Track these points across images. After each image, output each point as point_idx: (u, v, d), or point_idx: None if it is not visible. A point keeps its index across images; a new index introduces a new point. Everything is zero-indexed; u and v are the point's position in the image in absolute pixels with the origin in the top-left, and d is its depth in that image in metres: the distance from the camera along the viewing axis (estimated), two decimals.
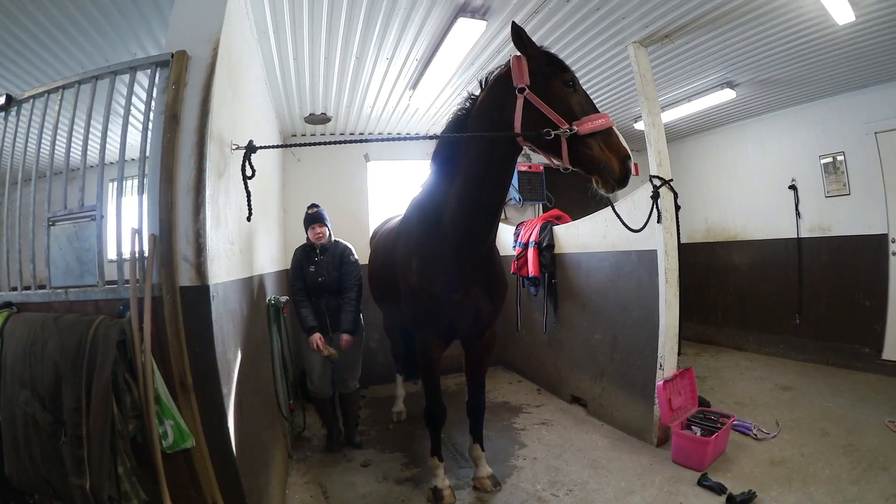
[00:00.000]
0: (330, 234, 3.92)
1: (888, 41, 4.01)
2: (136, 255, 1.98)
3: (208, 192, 2.03)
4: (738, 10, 3.49)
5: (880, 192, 5.05)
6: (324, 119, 5.49)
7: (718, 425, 3.48)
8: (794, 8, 3.48)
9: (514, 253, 5.29)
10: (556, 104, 2.26)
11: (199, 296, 1.98)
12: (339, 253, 3.87)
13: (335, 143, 2.63)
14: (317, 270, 3.81)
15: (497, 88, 2.51)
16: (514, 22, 2.40)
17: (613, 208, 3.04)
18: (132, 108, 2.35)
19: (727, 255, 6.82)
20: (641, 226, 3.48)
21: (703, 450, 3.29)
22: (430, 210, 2.96)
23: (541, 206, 6.90)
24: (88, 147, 2.32)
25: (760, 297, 6.33)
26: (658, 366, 3.67)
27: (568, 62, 2.66)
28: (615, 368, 4.21)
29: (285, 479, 3.44)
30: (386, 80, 4.60)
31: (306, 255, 3.89)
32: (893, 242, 4.96)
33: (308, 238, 3.91)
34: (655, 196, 3.61)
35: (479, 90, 2.70)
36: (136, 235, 2.00)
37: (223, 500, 2.01)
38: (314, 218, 3.86)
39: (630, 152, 2.19)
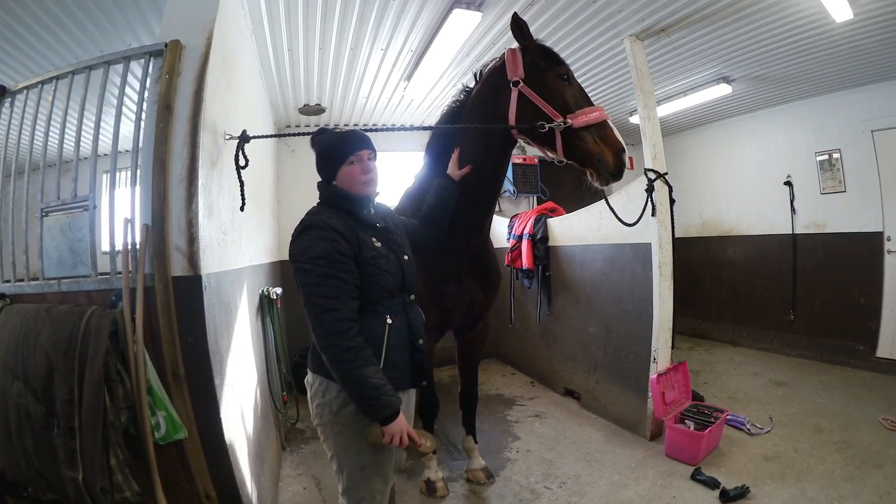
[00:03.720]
0: None
1: (886, 40, 4.00)
2: (129, 245, 1.97)
3: (201, 182, 2.02)
4: (736, 6, 3.47)
5: (876, 190, 5.06)
6: (318, 110, 5.46)
7: (712, 420, 3.49)
8: (792, 4, 3.47)
9: (509, 245, 5.29)
10: (550, 97, 2.26)
11: (191, 286, 1.97)
12: (392, 213, 2.15)
13: None
14: (387, 246, 1.87)
15: (491, 81, 2.51)
16: (515, 13, 2.39)
17: (607, 201, 3.03)
18: (126, 98, 2.34)
19: (722, 250, 6.82)
20: (636, 219, 3.48)
21: (696, 444, 3.30)
22: (424, 201, 2.96)
23: (535, 198, 6.91)
24: (82, 138, 2.31)
25: (755, 292, 6.34)
26: (651, 359, 3.68)
27: (563, 55, 2.65)
28: (609, 362, 4.22)
29: (278, 470, 3.45)
30: (381, 72, 4.57)
31: (362, 222, 1.85)
32: (889, 240, 4.98)
33: (338, 188, 1.84)
34: (650, 189, 3.61)
35: (474, 83, 2.69)
36: (129, 226, 1.99)
37: (216, 492, 2.02)
38: (363, 141, 1.85)
39: (624, 145, 2.19)
